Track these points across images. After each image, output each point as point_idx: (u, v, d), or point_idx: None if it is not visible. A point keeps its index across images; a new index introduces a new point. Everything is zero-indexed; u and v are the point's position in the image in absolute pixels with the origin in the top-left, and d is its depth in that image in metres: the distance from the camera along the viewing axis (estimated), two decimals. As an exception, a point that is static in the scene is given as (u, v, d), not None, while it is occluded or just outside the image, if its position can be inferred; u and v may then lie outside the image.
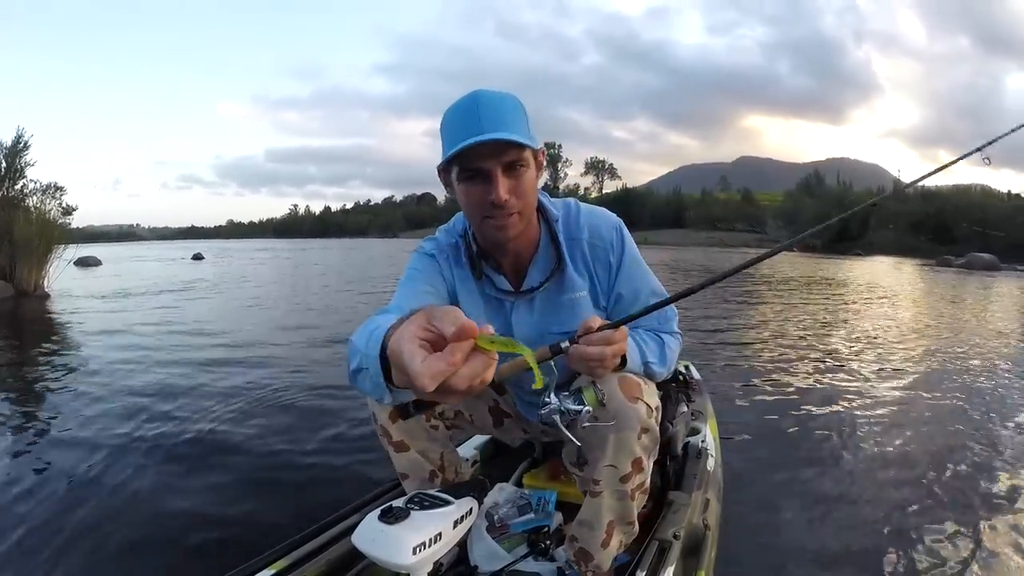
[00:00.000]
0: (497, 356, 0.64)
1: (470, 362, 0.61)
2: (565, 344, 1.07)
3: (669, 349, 1.35)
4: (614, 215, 1.40)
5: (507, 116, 1.14)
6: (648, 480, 1.29)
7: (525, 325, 1.37)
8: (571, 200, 1.42)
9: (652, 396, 1.25)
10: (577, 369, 1.13)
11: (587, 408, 1.13)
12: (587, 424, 1.14)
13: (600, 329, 1.08)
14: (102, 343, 5.98)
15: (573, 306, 1.35)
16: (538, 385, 0.73)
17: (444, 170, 1.22)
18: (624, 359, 1.19)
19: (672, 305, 1.30)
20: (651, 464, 1.28)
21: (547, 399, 1.13)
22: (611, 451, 1.20)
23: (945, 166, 1.43)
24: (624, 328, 1.12)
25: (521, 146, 1.14)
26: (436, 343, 0.63)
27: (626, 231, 1.38)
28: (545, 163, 1.28)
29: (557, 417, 1.12)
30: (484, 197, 1.16)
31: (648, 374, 1.29)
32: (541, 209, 1.34)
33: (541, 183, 1.31)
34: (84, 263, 17.87)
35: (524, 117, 1.18)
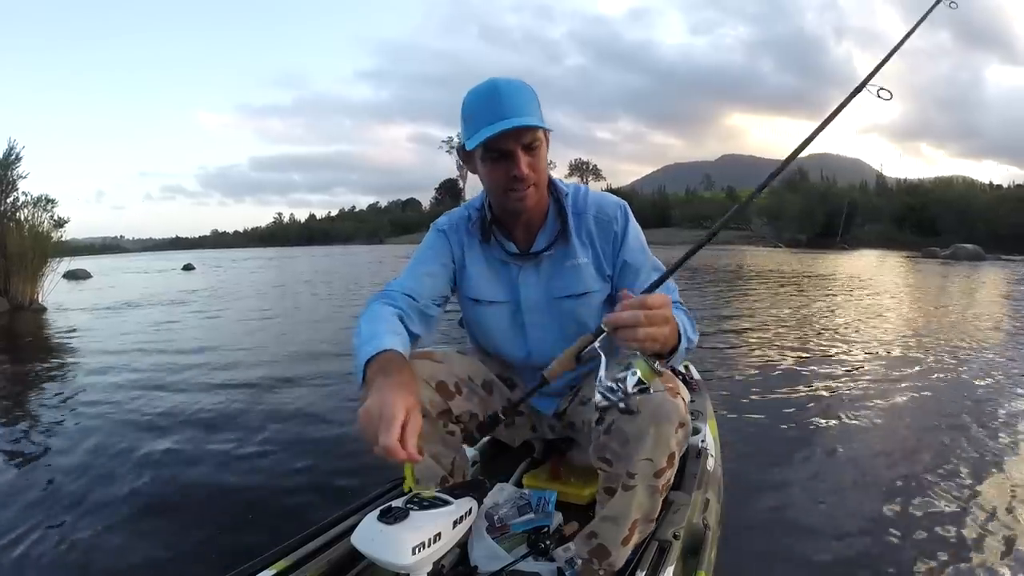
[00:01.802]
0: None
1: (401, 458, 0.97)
2: (607, 315, 1.02)
3: (692, 319, 1.36)
4: (620, 199, 1.51)
5: (524, 101, 1.27)
6: (672, 478, 1.31)
7: (531, 287, 1.46)
8: (581, 184, 1.54)
9: (685, 391, 1.28)
10: (621, 342, 1.05)
11: (633, 371, 1.00)
12: (633, 391, 1.00)
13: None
14: (107, 357, 5.90)
15: (576, 271, 1.44)
16: (410, 481, 1.15)
17: (467, 151, 1.35)
18: (679, 336, 1.15)
19: (673, 281, 1.33)
20: (678, 461, 1.30)
21: (597, 385, 1.02)
22: (650, 445, 1.20)
23: (840, 107, 1.45)
24: (667, 298, 1.06)
25: (536, 127, 1.27)
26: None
27: (630, 211, 1.49)
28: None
29: (604, 392, 1.00)
30: (507, 173, 1.29)
31: (689, 348, 1.27)
32: (551, 185, 1.46)
33: None
34: (74, 276, 17.64)
35: (536, 100, 1.30)
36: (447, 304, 1.51)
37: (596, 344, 1.07)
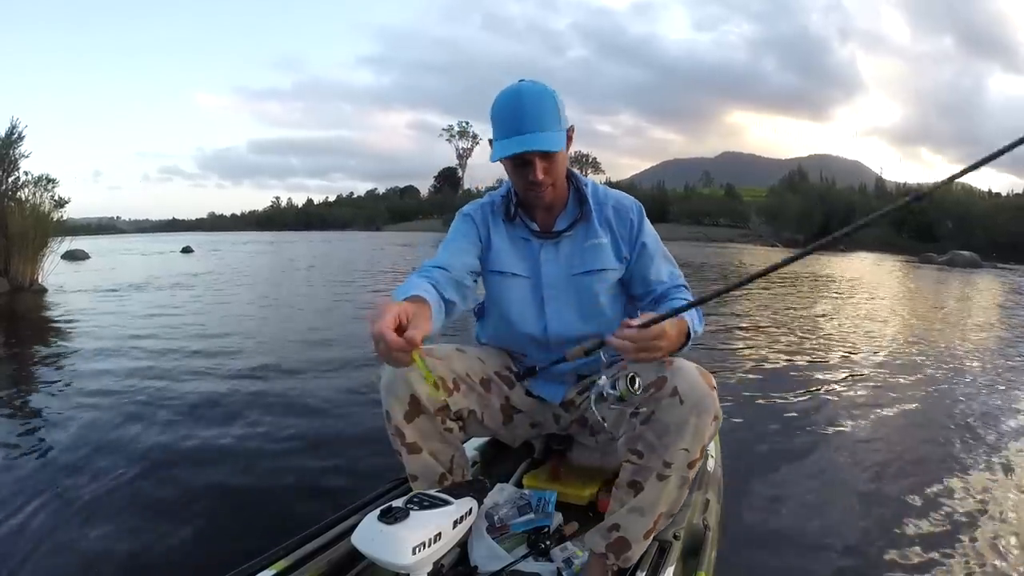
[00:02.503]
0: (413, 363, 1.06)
1: (399, 350, 1.03)
2: (608, 336, 1.25)
3: (700, 309, 1.46)
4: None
5: (545, 116, 1.38)
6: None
7: (551, 264, 1.56)
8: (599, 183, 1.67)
9: (714, 383, 1.33)
10: (626, 357, 1.27)
11: (616, 390, 1.26)
12: (614, 406, 1.32)
13: (641, 325, 1.22)
14: (110, 342, 5.80)
15: (596, 250, 1.54)
16: (428, 380, 1.13)
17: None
18: (688, 335, 1.36)
19: (676, 265, 1.61)
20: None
21: (593, 388, 1.32)
22: (689, 435, 1.26)
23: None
24: (662, 330, 1.24)
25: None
26: (400, 327, 1.05)
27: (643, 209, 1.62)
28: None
29: (592, 398, 1.30)
30: (527, 177, 1.42)
31: (695, 339, 1.41)
32: (572, 176, 1.58)
33: None
34: (72, 256, 17.42)
35: (557, 111, 1.41)
36: (480, 282, 1.59)
37: (601, 352, 1.33)
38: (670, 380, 1.28)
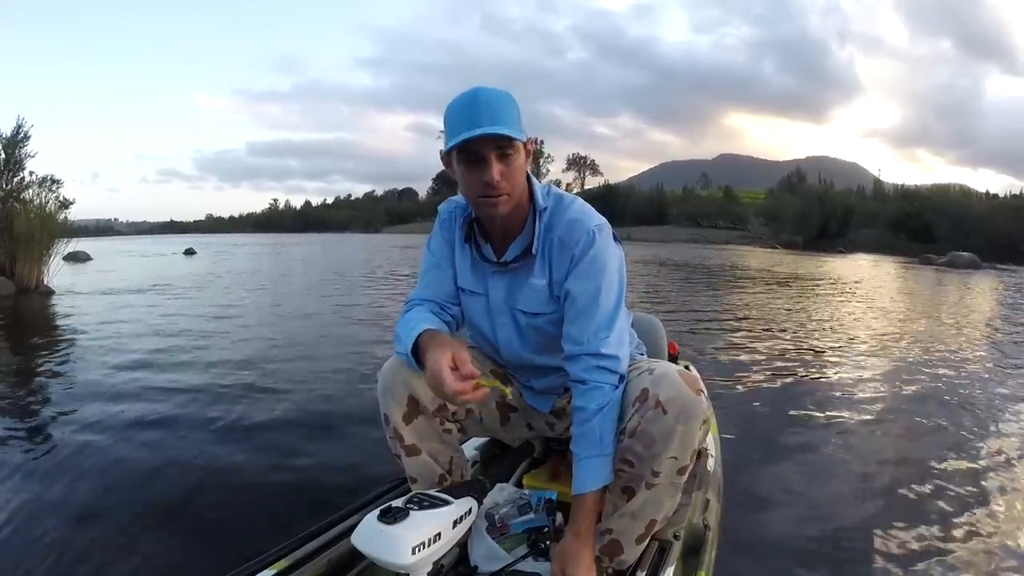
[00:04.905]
0: (488, 391, 1.24)
1: (474, 392, 1.20)
2: None
3: (611, 410, 1.30)
4: (600, 218, 1.41)
5: (502, 111, 1.27)
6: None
7: (498, 291, 1.47)
8: (568, 195, 1.46)
9: (704, 387, 1.29)
10: None
11: None
12: None
13: None
14: (125, 353, 5.55)
15: (532, 291, 1.42)
16: (505, 392, 1.30)
17: (447, 155, 1.34)
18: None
19: (611, 325, 1.33)
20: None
21: None
22: (676, 444, 1.23)
23: None
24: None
25: (512, 137, 1.27)
26: (455, 369, 1.18)
27: (603, 235, 1.37)
28: (533, 150, 1.39)
29: None
30: (480, 178, 1.28)
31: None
32: (532, 197, 1.42)
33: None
34: (75, 258, 17.12)
35: (516, 112, 1.30)
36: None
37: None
38: (652, 391, 1.24)
